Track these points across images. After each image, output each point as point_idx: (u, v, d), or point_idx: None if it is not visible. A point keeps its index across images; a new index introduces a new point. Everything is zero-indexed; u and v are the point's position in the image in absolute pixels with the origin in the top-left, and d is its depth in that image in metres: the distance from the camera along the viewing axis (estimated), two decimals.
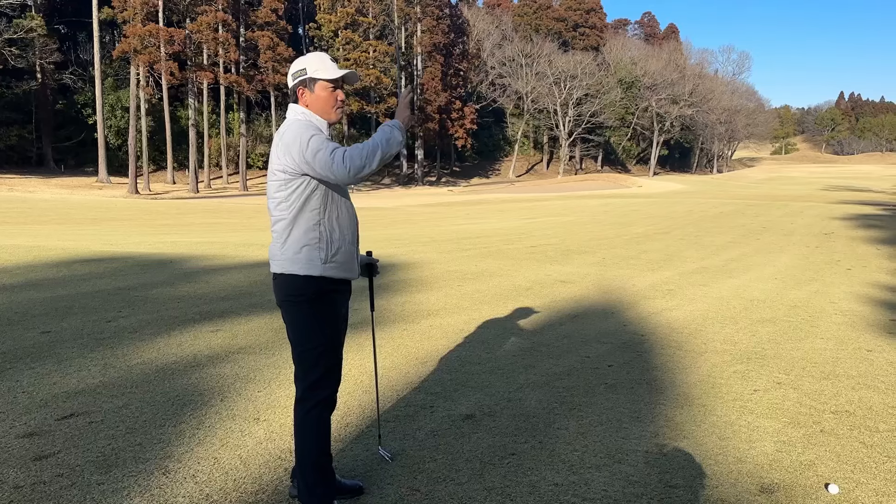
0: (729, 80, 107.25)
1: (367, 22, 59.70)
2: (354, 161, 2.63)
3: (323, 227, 2.79)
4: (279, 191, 2.77)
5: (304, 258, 2.76)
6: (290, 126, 2.76)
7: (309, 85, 2.85)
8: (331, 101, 2.87)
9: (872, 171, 73.10)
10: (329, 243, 2.80)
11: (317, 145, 2.66)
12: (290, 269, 2.77)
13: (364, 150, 2.66)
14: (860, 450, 3.54)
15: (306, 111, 2.85)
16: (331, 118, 2.89)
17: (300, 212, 2.76)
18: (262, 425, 3.77)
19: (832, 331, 6.49)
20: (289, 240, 2.77)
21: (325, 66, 2.86)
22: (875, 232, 16.94)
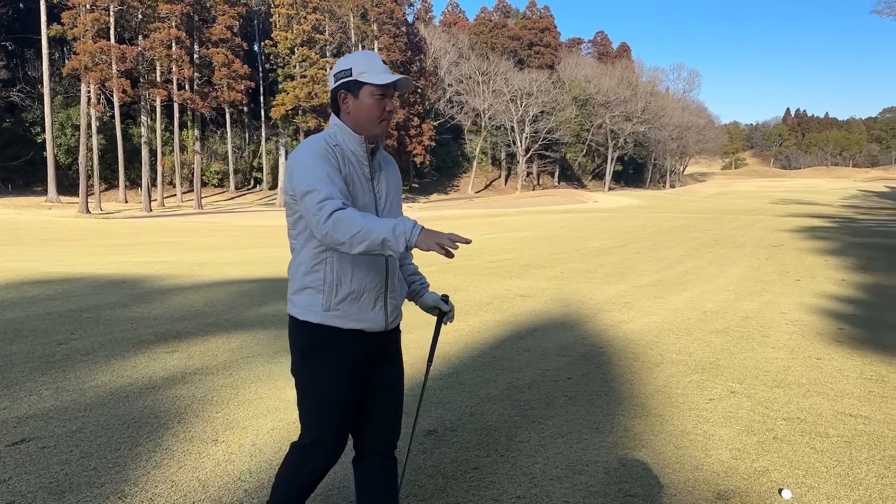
0: (680, 98, 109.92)
1: (323, 39, 59.63)
2: (336, 233, 2.10)
3: (328, 268, 2.30)
4: (288, 215, 2.36)
5: (303, 301, 2.32)
6: (300, 148, 2.32)
7: (353, 89, 2.33)
8: (377, 111, 2.34)
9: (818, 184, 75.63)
10: (334, 287, 2.30)
11: (311, 183, 2.17)
12: (290, 311, 2.39)
13: (354, 230, 2.08)
14: (811, 455, 3.65)
15: (340, 124, 2.36)
16: (374, 132, 2.36)
17: (304, 245, 2.32)
18: (220, 446, 3.72)
19: (783, 340, 6.68)
20: (294, 277, 2.37)
21: (373, 68, 2.33)
22: (822, 243, 17.51)
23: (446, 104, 76.36)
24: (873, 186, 68.46)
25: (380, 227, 2.07)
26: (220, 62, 53.53)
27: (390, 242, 2.06)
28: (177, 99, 52.66)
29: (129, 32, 51.16)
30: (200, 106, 53.23)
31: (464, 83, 76.40)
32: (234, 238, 23.49)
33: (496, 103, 76.38)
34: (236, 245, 20.10)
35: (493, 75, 76.99)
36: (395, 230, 2.06)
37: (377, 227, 2.07)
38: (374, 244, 2.07)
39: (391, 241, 2.05)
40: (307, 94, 55.22)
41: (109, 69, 45.42)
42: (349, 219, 2.09)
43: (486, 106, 75.93)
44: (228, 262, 13.24)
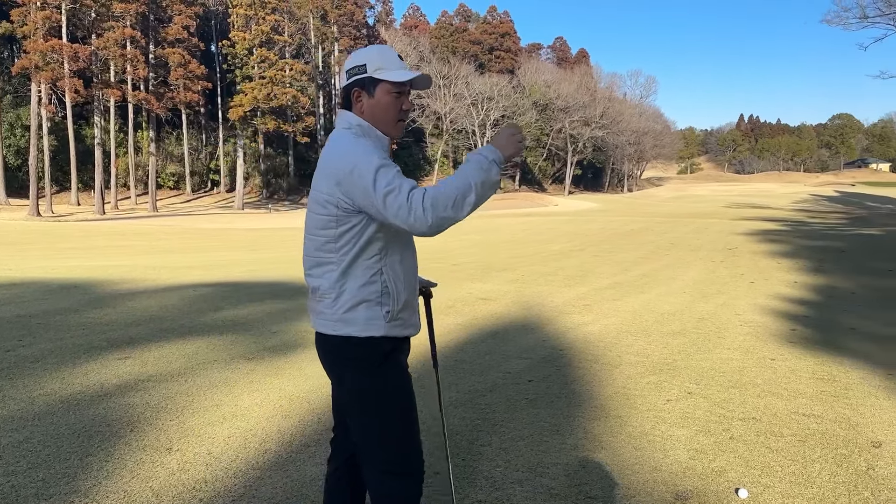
0: (637, 103, 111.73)
1: (282, 40, 59.04)
2: (438, 210, 1.95)
3: (386, 277, 2.17)
4: (327, 228, 2.13)
5: (362, 317, 2.15)
6: (343, 145, 2.13)
7: (368, 87, 2.21)
8: (394, 110, 2.22)
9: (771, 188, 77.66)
10: (395, 297, 2.19)
11: (388, 183, 1.99)
12: (345, 331, 2.16)
13: (452, 194, 1.96)
14: (767, 455, 3.72)
15: (362, 122, 2.22)
16: (390, 133, 2.26)
17: (357, 258, 2.13)
18: (174, 455, 3.62)
19: (738, 341, 6.80)
20: (343, 293, 2.15)
21: (390, 64, 2.21)
22: (775, 246, 17.95)
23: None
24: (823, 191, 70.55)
25: (470, 171, 2.01)
26: (177, 62, 52.63)
27: (486, 179, 2.02)
28: (131, 99, 51.58)
29: (81, 31, 49.88)
30: (156, 106, 52.21)
31: None
32: (189, 241, 23.07)
33: (457, 107, 76.60)
34: (192, 248, 19.75)
35: (454, 79, 77.20)
36: (481, 166, 2.02)
37: (469, 173, 2.01)
38: (477, 193, 2.00)
39: (487, 178, 2.02)
40: (266, 96, 54.58)
41: (61, 69, 44.22)
42: (441, 194, 1.97)
43: (447, 109, 76.08)
44: (184, 266, 12.99)
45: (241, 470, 3.46)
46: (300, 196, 67.00)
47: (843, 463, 3.58)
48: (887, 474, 3.42)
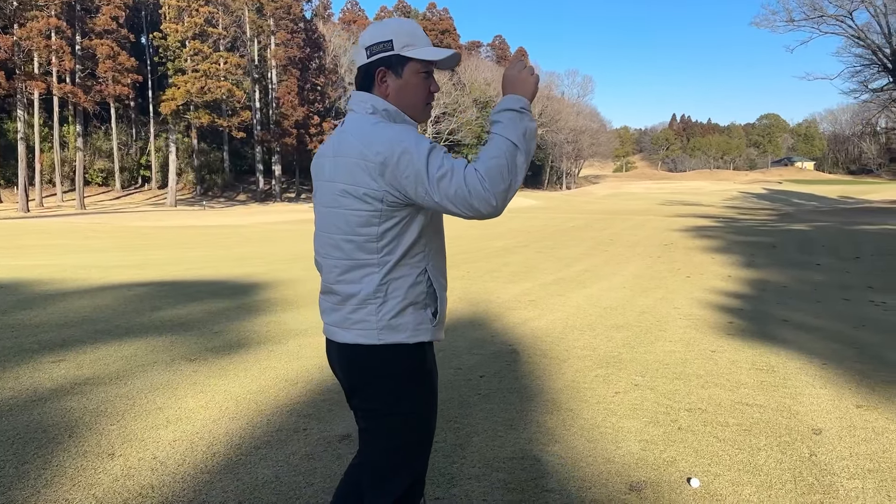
0: (574, 102, 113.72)
1: (216, 33, 57.64)
2: (497, 184, 1.76)
3: (431, 274, 1.98)
4: (368, 225, 1.88)
5: (411, 321, 1.94)
6: (380, 130, 1.87)
7: (395, 66, 1.97)
8: (423, 92, 2.01)
9: (703, 186, 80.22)
10: (439, 297, 2.01)
11: (440, 166, 1.77)
12: (393, 339, 1.93)
13: (502, 162, 1.78)
14: (714, 444, 3.81)
15: (389, 106, 1.96)
16: (420, 118, 2.03)
17: (403, 256, 1.92)
18: (117, 461, 3.47)
19: (679, 334, 6.97)
20: (389, 297, 1.92)
21: (419, 40, 1.98)
22: (708, 242, 18.52)
23: (347, 102, 75.55)
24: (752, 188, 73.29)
25: (507, 135, 1.82)
26: (105, 54, 50.82)
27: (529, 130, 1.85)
28: (57, 92, 49.50)
29: (2, 21, 47.55)
30: (83, 100, 50.24)
31: None
32: (121, 240, 22.27)
33: None
34: (124, 247, 19.07)
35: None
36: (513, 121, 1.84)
37: (507, 140, 1.81)
38: (526, 150, 1.83)
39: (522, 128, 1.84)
40: (199, 89, 53.23)
41: None
42: (492, 165, 1.78)
43: None
44: (116, 265, 12.53)
45: (189, 475, 3.33)
46: (235, 193, 65.63)
47: (786, 450, 3.69)
48: (829, 460, 3.55)
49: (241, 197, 65.01)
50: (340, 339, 2.00)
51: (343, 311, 1.98)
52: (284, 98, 63.60)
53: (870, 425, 4.10)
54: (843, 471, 3.41)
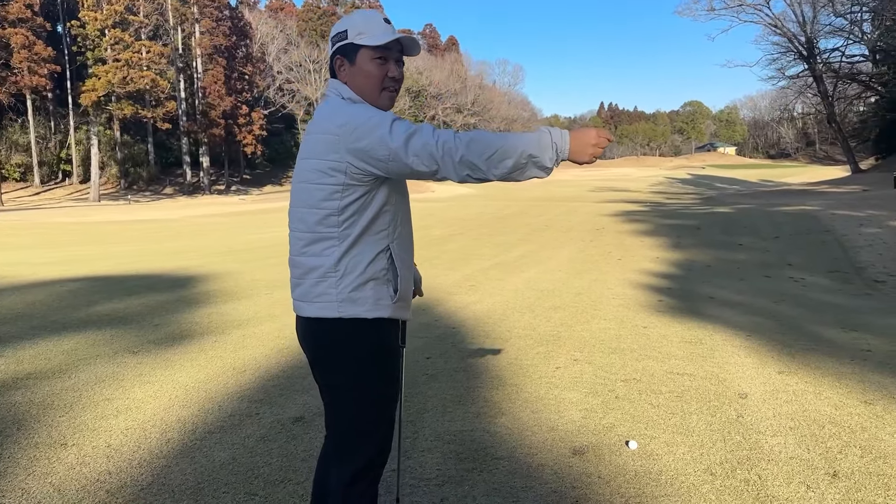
0: (506, 91, 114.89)
1: (138, 21, 55.59)
2: (472, 153, 1.80)
3: (393, 251, 2.05)
4: (330, 199, 1.96)
5: (370, 295, 2.01)
6: (344, 106, 1.99)
7: (349, 54, 2.07)
8: (377, 78, 2.06)
9: (630, 172, 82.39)
10: (399, 273, 2.07)
11: (407, 128, 1.85)
12: (352, 312, 2.00)
13: (492, 146, 1.80)
14: (649, 410, 4.07)
15: (353, 95, 2.06)
16: (378, 103, 2.07)
17: (364, 232, 1.99)
18: (71, 450, 3.46)
19: (612, 312, 7.29)
20: (350, 271, 1.99)
21: (371, 29, 2.06)
22: (637, 226, 19.15)
23: (276, 92, 74.14)
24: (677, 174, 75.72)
25: (521, 139, 1.80)
26: (20, 44, 48.33)
27: (538, 158, 1.80)
28: None
29: None
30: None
31: (294, 71, 74.58)
32: (45, 236, 21.40)
33: None
34: (49, 244, 18.34)
35: (324, 63, 75.82)
36: (540, 141, 1.80)
37: (518, 139, 1.80)
38: (519, 162, 1.79)
39: (538, 156, 1.80)
40: (121, 80, 51.28)
41: None
42: (481, 136, 1.81)
43: (318, 95, 74.62)
44: (44, 262, 12.10)
45: (145, 460, 3.37)
46: (162, 186, 63.69)
47: (716, 413, 3.98)
48: (754, 420, 3.85)
49: (167, 190, 63.10)
50: (304, 312, 2.08)
51: (305, 284, 2.06)
52: (211, 88, 61.93)
53: (790, 389, 4.44)
54: (767, 429, 3.71)
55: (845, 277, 11.46)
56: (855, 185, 36.07)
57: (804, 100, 64.27)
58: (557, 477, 3.18)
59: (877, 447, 3.42)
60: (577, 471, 3.24)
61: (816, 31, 48.29)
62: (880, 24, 44.55)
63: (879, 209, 18.55)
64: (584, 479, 3.15)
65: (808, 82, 52.36)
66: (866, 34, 48.17)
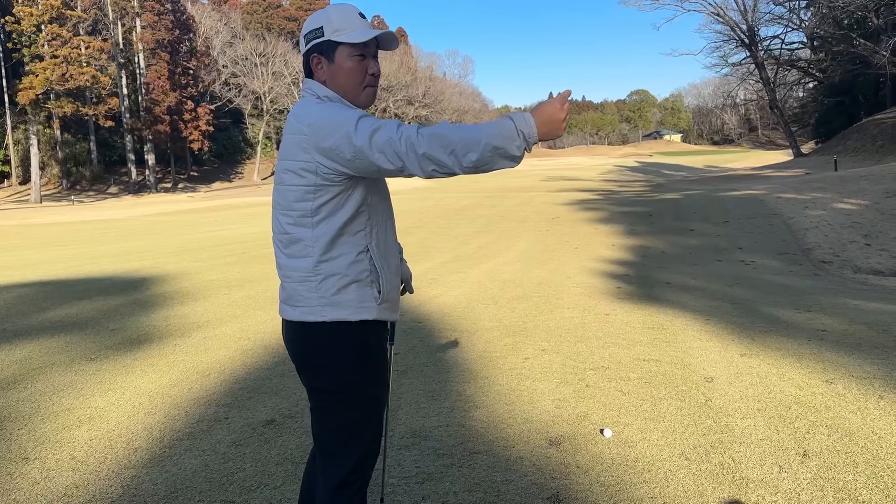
0: (457, 83, 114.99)
1: (76, 16, 53.73)
2: (435, 147, 1.76)
3: (374, 252, 2.02)
4: (303, 200, 1.93)
5: (353, 298, 1.98)
6: (315, 106, 1.94)
7: (327, 52, 2.01)
8: (357, 75, 2.02)
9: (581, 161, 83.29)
10: (384, 274, 2.04)
11: (372, 124, 1.81)
12: (335, 316, 1.97)
13: (454, 140, 1.76)
14: (620, 397, 4.12)
15: (330, 93, 2.01)
16: (359, 101, 2.04)
17: (340, 233, 1.95)
18: (34, 464, 3.33)
19: (575, 301, 7.36)
20: (328, 274, 1.96)
21: (349, 25, 2.00)
22: (592, 214, 19.39)
23: (222, 87, 72.60)
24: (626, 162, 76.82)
25: (483, 130, 1.76)
26: None
27: (502, 149, 1.75)
28: None
29: None
30: None
31: (240, 65, 73.13)
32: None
33: (277, 86, 74.16)
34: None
35: (271, 57, 74.59)
36: (503, 132, 1.75)
37: (480, 131, 1.76)
38: (484, 155, 1.75)
39: (503, 147, 1.75)
40: (60, 77, 49.60)
41: None
42: (444, 131, 1.76)
43: (266, 89, 73.44)
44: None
45: (113, 471, 3.26)
46: (106, 185, 61.89)
47: (685, 398, 4.05)
48: (722, 403, 3.93)
49: (112, 189, 61.33)
50: (288, 316, 2.05)
51: (288, 287, 2.03)
52: (155, 83, 60.36)
53: (754, 371, 4.55)
54: (735, 412, 3.79)
55: (794, 259, 11.83)
56: (798, 168, 37.20)
57: (746, 86, 66.03)
58: (536, 469, 3.19)
59: (842, 425, 3.53)
60: (555, 461, 3.26)
61: (757, 19, 49.62)
62: (817, 12, 45.97)
63: (822, 192, 19.16)
64: (563, 470, 3.17)
65: (751, 69, 53.78)
66: (804, 22, 49.69)
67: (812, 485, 2.92)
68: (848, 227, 13.98)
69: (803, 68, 53.78)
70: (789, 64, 53.10)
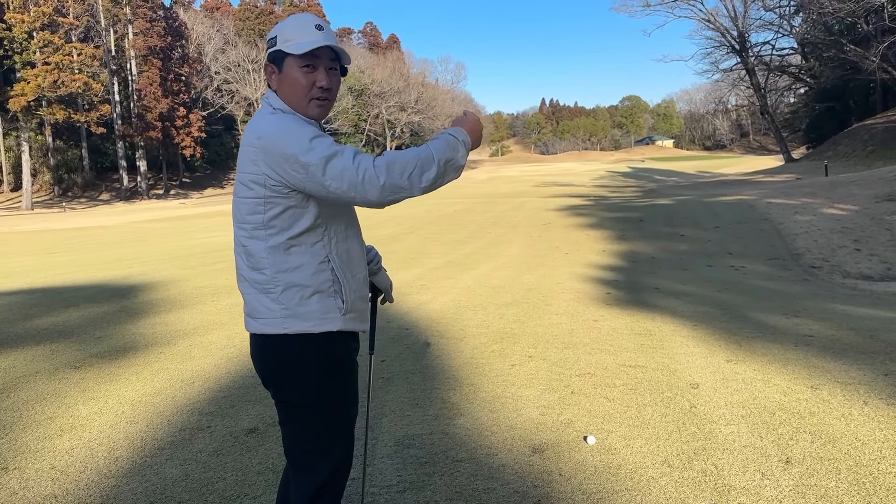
0: (449, 89, 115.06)
1: (68, 23, 53.64)
2: (394, 175, 1.79)
3: (335, 264, 1.98)
4: (254, 213, 1.91)
5: (316, 309, 1.95)
6: (268, 119, 1.92)
7: (278, 62, 2.00)
8: (304, 87, 1.98)
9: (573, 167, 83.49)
10: (347, 283, 2.01)
11: (327, 148, 1.81)
12: (298, 328, 1.94)
13: (410, 162, 1.82)
14: (605, 404, 4.11)
15: (283, 105, 1.99)
16: (306, 113, 1.99)
17: (294, 244, 1.92)
18: (13, 474, 3.30)
19: (563, 307, 7.35)
20: (288, 285, 1.93)
21: (299, 35, 1.96)
22: (583, 219, 19.40)
23: (215, 93, 72.58)
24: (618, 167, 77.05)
25: (434, 147, 1.86)
26: None
27: (453, 160, 1.88)
28: None
29: None
30: None
31: (232, 71, 73.16)
32: None
33: None
34: None
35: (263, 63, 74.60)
36: (450, 145, 1.89)
37: (428, 150, 1.85)
38: (440, 170, 1.85)
39: (453, 158, 1.88)
40: (52, 83, 49.50)
41: None
42: (396, 157, 1.82)
43: (258, 95, 73.31)
44: None
45: (92, 481, 3.23)
46: (98, 192, 61.71)
47: (669, 404, 4.04)
48: (707, 410, 3.93)
49: (104, 196, 61.13)
50: (251, 328, 2.04)
51: (249, 300, 2.01)
52: (146, 89, 60.29)
53: (739, 377, 4.55)
54: (720, 419, 3.78)
55: (783, 264, 11.87)
56: (788, 173, 37.37)
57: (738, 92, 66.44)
58: (519, 476, 3.17)
59: (826, 432, 3.53)
60: (537, 469, 3.24)
61: (748, 26, 49.92)
62: (807, 18, 46.27)
63: (812, 197, 19.24)
64: (546, 478, 3.15)
65: (742, 75, 54.03)
66: (795, 28, 50.01)
67: (794, 492, 2.91)
68: (838, 233, 14.03)
69: (794, 74, 54.08)
70: (780, 69, 53.39)
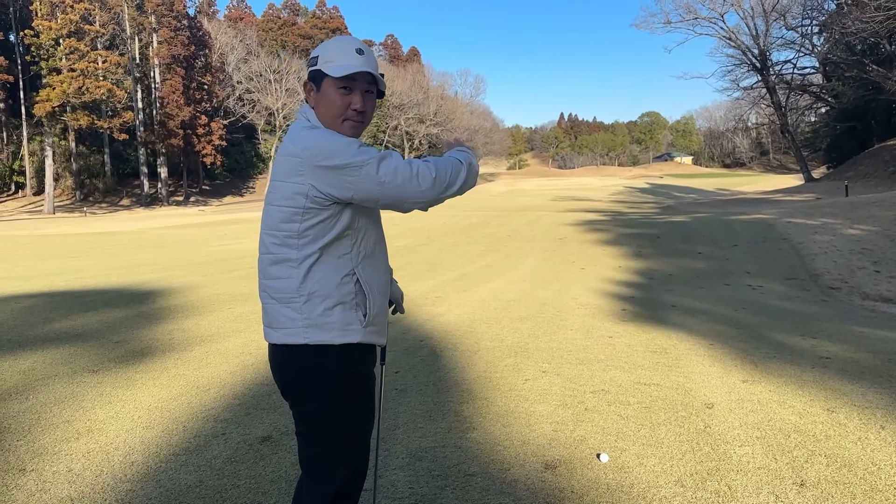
0: (468, 102, 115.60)
1: (94, 31, 54.53)
2: (442, 177, 1.97)
3: (360, 275, 2.03)
4: (290, 221, 1.95)
5: (338, 320, 1.98)
6: (309, 132, 1.98)
7: (317, 80, 2.08)
8: (339, 107, 2.04)
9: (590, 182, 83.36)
10: (370, 297, 2.05)
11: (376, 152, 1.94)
12: (319, 338, 1.97)
13: (450, 165, 2.01)
14: (619, 422, 4.10)
15: (316, 120, 2.07)
16: (339, 132, 2.04)
17: (323, 255, 1.97)
18: (30, 476, 3.35)
19: (578, 322, 7.33)
20: (311, 295, 1.97)
21: (339, 58, 2.04)
22: (599, 235, 19.37)
23: (236, 102, 73.40)
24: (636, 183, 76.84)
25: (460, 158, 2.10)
26: None
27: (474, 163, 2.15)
28: None
29: None
30: None
31: (254, 81, 73.98)
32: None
33: (290, 102, 74.87)
34: (4, 258, 17.82)
35: (285, 74, 75.41)
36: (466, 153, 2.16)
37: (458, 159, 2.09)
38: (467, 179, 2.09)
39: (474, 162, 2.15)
40: (77, 90, 50.31)
41: None
42: (439, 162, 2.01)
43: (279, 105, 74.15)
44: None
45: (108, 485, 3.27)
46: (118, 197, 62.44)
47: (684, 424, 4.02)
48: (721, 430, 3.90)
49: (125, 202, 61.86)
50: (271, 339, 2.07)
51: (271, 309, 2.04)
52: (169, 97, 61.04)
53: (755, 398, 4.51)
54: (734, 439, 3.76)
55: (802, 285, 11.76)
56: (808, 193, 37.07)
57: (758, 110, 65.99)
58: (531, 492, 3.17)
59: (841, 455, 3.49)
60: (550, 486, 3.24)
61: (769, 44, 49.73)
62: (830, 38, 46.00)
63: (832, 217, 19.07)
64: (557, 494, 3.15)
65: (762, 93, 53.79)
66: (817, 47, 49.73)
67: None
68: (857, 254, 13.89)
69: (815, 93, 53.73)
70: (801, 88, 53.07)
